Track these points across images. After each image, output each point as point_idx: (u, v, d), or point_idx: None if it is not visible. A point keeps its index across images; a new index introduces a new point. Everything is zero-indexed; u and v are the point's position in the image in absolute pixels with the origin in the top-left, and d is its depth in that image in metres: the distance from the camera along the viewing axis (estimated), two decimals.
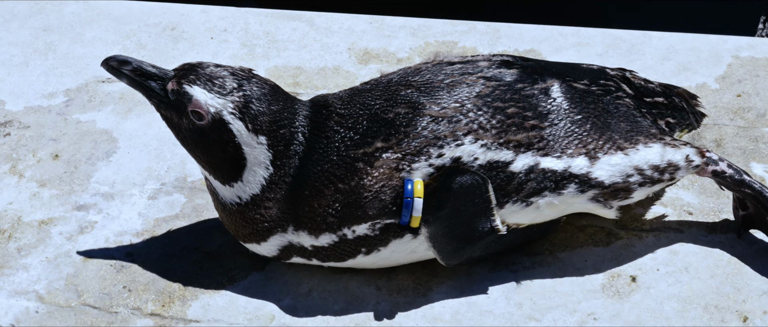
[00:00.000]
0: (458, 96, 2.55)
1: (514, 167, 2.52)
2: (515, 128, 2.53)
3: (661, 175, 2.60)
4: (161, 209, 2.87)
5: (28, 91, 3.22)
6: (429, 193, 2.48)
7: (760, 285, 2.63)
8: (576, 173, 2.54)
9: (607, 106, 2.63)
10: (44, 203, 2.89)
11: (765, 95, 3.12)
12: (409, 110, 2.53)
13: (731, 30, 3.68)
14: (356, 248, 2.55)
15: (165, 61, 3.30)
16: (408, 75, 2.61)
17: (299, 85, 3.21)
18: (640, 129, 2.63)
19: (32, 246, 2.79)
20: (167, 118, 2.54)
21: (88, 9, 3.50)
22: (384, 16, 3.45)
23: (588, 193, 2.56)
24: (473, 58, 2.66)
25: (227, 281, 2.69)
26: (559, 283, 2.65)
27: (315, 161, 2.51)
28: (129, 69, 2.48)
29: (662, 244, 2.73)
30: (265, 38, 3.38)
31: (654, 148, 2.60)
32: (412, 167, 2.49)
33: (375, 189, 2.49)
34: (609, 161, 2.56)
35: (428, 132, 2.51)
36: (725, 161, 2.64)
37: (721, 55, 3.26)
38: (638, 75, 2.77)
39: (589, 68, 2.73)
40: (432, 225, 2.51)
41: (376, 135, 2.51)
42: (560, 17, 3.60)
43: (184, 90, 2.47)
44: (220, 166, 2.53)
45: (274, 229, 2.55)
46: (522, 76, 2.61)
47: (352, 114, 2.54)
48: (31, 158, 3.01)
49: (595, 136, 2.57)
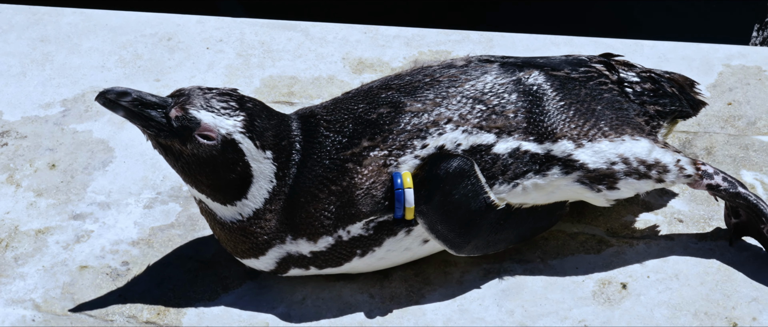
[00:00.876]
0: (438, 91, 2.60)
1: (498, 149, 2.56)
2: (495, 116, 2.58)
3: (647, 171, 2.61)
4: (157, 218, 2.90)
5: (26, 102, 3.24)
6: (418, 183, 2.52)
7: (749, 292, 2.65)
8: (559, 156, 2.57)
9: (591, 92, 2.65)
10: (41, 213, 2.92)
11: (755, 103, 3.14)
12: (391, 109, 2.57)
13: (725, 38, 3.71)
14: (352, 250, 2.58)
15: (161, 71, 3.33)
16: (388, 80, 2.67)
17: (294, 95, 3.24)
18: (626, 119, 2.64)
19: (29, 255, 2.82)
20: (166, 148, 2.52)
21: (85, 19, 3.53)
22: (378, 26, 3.48)
23: (572, 175, 2.59)
24: (452, 60, 2.71)
25: (222, 289, 2.72)
26: (551, 291, 2.68)
27: (309, 167, 2.55)
28: (129, 100, 2.45)
29: (653, 252, 2.75)
30: (260, 48, 3.41)
31: (641, 142, 2.62)
32: (399, 161, 2.54)
33: (366, 186, 2.53)
34: (593, 147, 2.59)
35: (411, 126, 2.56)
36: (720, 174, 2.66)
37: (712, 63, 3.29)
38: (623, 60, 2.78)
39: (570, 58, 2.75)
40: (427, 215, 2.54)
41: (362, 135, 2.55)
42: (553, 27, 3.63)
43: (190, 115, 2.48)
44: (224, 188, 2.54)
45: (272, 241, 2.58)
46: (501, 69, 2.65)
47: (338, 119, 2.58)
48: (28, 168, 3.04)
49: (579, 122, 2.60)
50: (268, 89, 3.26)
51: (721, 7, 4.87)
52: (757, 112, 3.11)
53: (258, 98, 3.20)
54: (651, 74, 2.75)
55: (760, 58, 3.30)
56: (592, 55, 2.81)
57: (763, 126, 3.07)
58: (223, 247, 2.74)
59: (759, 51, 3.35)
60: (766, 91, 3.18)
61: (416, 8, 4.89)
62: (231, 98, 2.52)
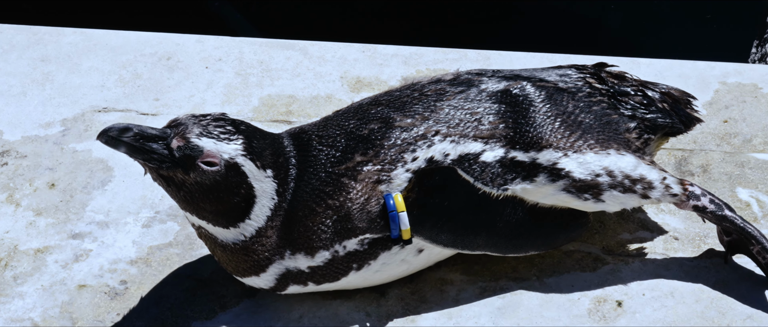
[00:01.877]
0: (426, 105, 2.63)
1: (485, 157, 2.58)
2: (482, 126, 2.60)
3: (632, 185, 2.63)
4: (155, 237, 2.92)
5: (26, 121, 3.27)
6: (410, 205, 2.53)
7: (744, 309, 2.66)
8: (544, 164, 2.59)
9: (580, 104, 2.67)
10: (40, 232, 2.94)
11: (751, 121, 3.16)
12: (382, 125, 2.61)
13: (724, 55, 3.73)
14: (348, 265, 2.60)
15: (161, 90, 3.35)
16: (378, 97, 2.71)
17: (292, 114, 3.26)
18: (613, 134, 2.66)
19: (28, 274, 2.84)
20: (168, 179, 2.53)
21: (85, 39, 3.55)
22: (376, 45, 3.50)
23: (558, 182, 2.60)
24: (441, 75, 2.74)
25: (219, 308, 2.74)
26: (546, 309, 2.69)
27: (306, 181, 2.57)
28: (130, 135, 2.46)
29: (648, 269, 2.77)
30: (259, 67, 3.44)
31: (626, 157, 2.64)
32: (391, 176, 2.56)
33: (361, 202, 2.55)
34: (578, 158, 2.61)
35: (401, 141, 2.59)
36: (708, 196, 2.67)
37: (709, 81, 3.31)
38: (617, 71, 2.79)
39: (560, 71, 2.77)
40: (425, 232, 2.56)
41: (354, 150, 2.59)
42: (550, 45, 3.65)
43: (193, 144, 2.50)
44: (227, 212, 2.55)
45: (273, 257, 2.59)
46: (489, 81, 2.67)
47: (330, 134, 2.62)
48: (27, 187, 3.06)
49: (565, 133, 2.62)
50: (267, 108, 3.28)
51: (720, 24, 4.88)
52: (753, 130, 3.13)
53: (257, 117, 3.24)
54: (644, 88, 2.76)
55: (757, 75, 3.31)
56: (585, 64, 2.82)
57: (759, 143, 3.08)
58: (222, 267, 2.75)
59: (755, 69, 3.37)
60: (762, 109, 3.19)
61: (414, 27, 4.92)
62: (226, 123, 2.54)
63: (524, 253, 2.66)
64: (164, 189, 2.57)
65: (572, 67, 2.81)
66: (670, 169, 3.00)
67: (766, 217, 2.88)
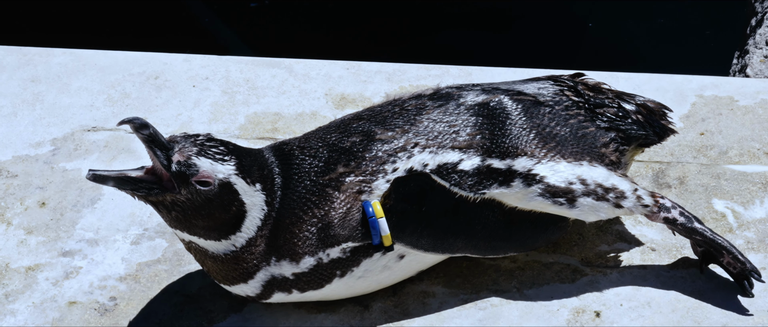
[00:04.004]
0: (406, 119, 2.71)
1: (463, 166, 2.66)
2: (460, 139, 2.68)
3: (605, 194, 2.70)
4: (144, 254, 2.98)
5: (16, 141, 3.33)
6: (388, 211, 2.60)
7: (719, 318, 2.73)
8: (520, 170, 2.67)
9: (556, 117, 2.74)
10: (31, 250, 3.00)
11: (727, 133, 3.23)
12: (364, 138, 2.69)
13: (704, 68, 3.80)
14: (332, 272, 2.67)
15: (149, 109, 3.42)
16: (360, 112, 2.79)
17: (278, 131, 3.33)
18: (588, 148, 2.73)
19: (19, 292, 2.89)
20: (159, 204, 2.59)
21: (74, 59, 3.61)
22: (360, 62, 3.56)
23: (534, 187, 2.67)
24: (422, 90, 2.81)
25: (207, 323, 2.80)
26: (526, 319, 2.75)
27: (292, 188, 2.65)
28: (147, 133, 2.52)
29: (626, 280, 2.83)
30: (245, 85, 3.50)
31: (598, 169, 2.71)
32: (372, 187, 2.64)
33: (343, 212, 2.63)
34: (553, 166, 2.68)
35: (382, 153, 2.67)
36: (678, 209, 2.74)
37: (686, 94, 3.38)
38: (591, 82, 2.86)
39: (538, 83, 2.84)
40: (405, 238, 2.63)
41: (337, 162, 2.67)
42: (531, 60, 3.72)
43: (192, 162, 2.57)
44: (218, 227, 2.62)
45: (260, 264, 2.66)
46: (468, 94, 2.75)
47: (312, 146, 2.70)
48: (18, 206, 3.12)
49: (541, 144, 2.69)
50: (253, 126, 3.35)
51: (701, 37, 4.96)
52: (729, 142, 3.20)
53: (243, 135, 3.30)
54: (620, 99, 2.83)
55: (733, 88, 3.38)
56: (563, 74, 2.89)
57: (734, 155, 3.15)
58: (210, 280, 2.82)
59: (731, 82, 3.44)
60: (737, 121, 3.26)
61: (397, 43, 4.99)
62: (218, 143, 2.61)
63: (504, 253, 2.74)
64: (156, 210, 2.63)
65: (550, 78, 2.88)
66: (647, 181, 3.07)
67: (741, 227, 2.95)
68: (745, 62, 4.21)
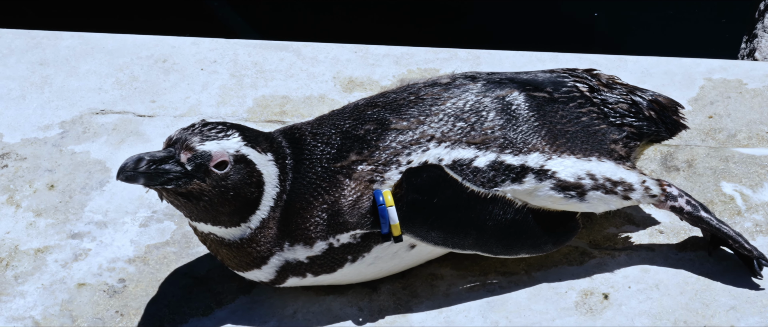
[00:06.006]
0: (421, 109, 2.70)
1: (478, 163, 2.65)
2: (475, 133, 2.67)
3: (613, 187, 2.70)
4: (152, 236, 2.98)
5: (25, 124, 3.33)
6: (398, 201, 2.60)
7: (727, 300, 2.73)
8: (532, 166, 2.66)
9: (568, 114, 2.74)
10: (40, 232, 3.01)
11: (736, 116, 3.22)
12: (378, 126, 2.67)
13: (713, 51, 3.79)
14: (343, 256, 2.67)
15: (157, 92, 3.42)
16: (374, 98, 2.77)
17: (286, 114, 3.33)
18: (598, 145, 2.73)
19: (29, 273, 2.90)
20: (189, 194, 2.59)
21: (82, 43, 3.62)
22: (368, 45, 3.56)
23: (545, 182, 2.67)
24: (437, 78, 2.80)
25: (215, 305, 2.80)
26: (534, 302, 2.76)
27: (303, 173, 2.65)
28: (144, 164, 2.53)
29: (634, 263, 2.83)
30: (253, 69, 3.50)
31: (607, 163, 2.71)
32: (385, 177, 2.63)
33: (353, 199, 2.63)
34: (563, 161, 2.68)
35: (396, 143, 2.65)
36: (684, 197, 2.75)
37: (694, 77, 3.37)
38: (605, 78, 2.86)
39: (553, 77, 2.83)
40: (415, 229, 2.62)
41: (350, 149, 2.66)
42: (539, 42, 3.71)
43: (199, 152, 2.57)
44: (240, 209, 2.62)
45: (272, 248, 2.66)
46: (483, 87, 2.74)
47: (325, 132, 2.69)
48: (27, 189, 3.13)
49: (551, 141, 2.69)
50: (261, 109, 3.35)
51: (709, 20, 4.94)
52: (738, 125, 3.19)
53: (251, 118, 3.31)
54: (632, 95, 2.83)
55: (741, 71, 3.38)
56: (577, 69, 2.88)
57: (743, 138, 3.15)
58: (219, 262, 2.82)
59: (740, 65, 3.43)
60: (746, 104, 3.26)
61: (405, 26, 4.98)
62: (216, 124, 2.61)
63: (514, 254, 2.72)
64: (183, 207, 2.61)
65: (566, 72, 2.86)
66: (656, 164, 3.07)
67: (750, 210, 2.95)
68: (753, 46, 4.20)
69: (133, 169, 2.54)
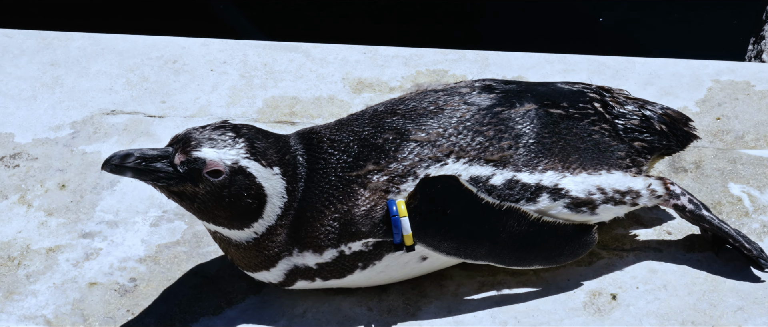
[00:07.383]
0: (441, 121, 2.70)
1: (495, 181, 2.66)
2: (492, 149, 2.67)
3: (622, 198, 2.73)
4: (163, 236, 3.00)
5: (36, 124, 3.36)
6: (412, 211, 2.61)
7: (735, 301, 2.74)
8: (547, 185, 2.68)
9: (582, 132, 2.76)
10: (52, 231, 3.03)
11: (743, 118, 3.23)
12: (397, 136, 2.67)
13: (721, 53, 3.80)
14: (354, 263, 2.68)
15: (167, 93, 3.44)
16: (393, 104, 2.76)
17: (295, 115, 3.34)
18: (608, 160, 2.76)
19: (40, 273, 2.93)
20: (180, 194, 2.61)
21: (93, 43, 3.64)
22: (377, 47, 3.58)
23: (559, 201, 2.69)
24: (455, 85, 2.81)
25: (226, 304, 2.82)
26: (543, 302, 2.77)
27: (316, 182, 2.65)
28: (133, 160, 2.55)
29: (642, 263, 2.85)
30: (262, 69, 3.52)
31: (616, 175, 2.73)
32: (401, 188, 2.63)
33: (367, 209, 2.63)
34: (575, 179, 2.70)
35: (414, 155, 2.66)
36: (687, 196, 2.78)
37: (702, 79, 3.38)
38: (619, 94, 2.88)
39: (570, 90, 2.84)
40: (428, 239, 2.64)
41: (367, 159, 2.65)
42: (547, 43, 3.73)
43: (194, 156, 2.58)
44: (240, 216, 2.63)
45: (281, 253, 2.68)
46: (501, 100, 2.75)
47: (343, 140, 2.69)
48: (39, 188, 3.15)
49: (563, 158, 2.71)
50: (271, 109, 3.37)
51: (717, 21, 4.95)
52: (745, 127, 3.20)
53: (261, 118, 3.32)
54: (644, 110, 2.85)
55: (749, 73, 3.39)
56: (591, 85, 2.89)
57: (750, 140, 3.16)
58: (229, 262, 2.84)
59: (747, 66, 3.44)
60: (753, 106, 3.27)
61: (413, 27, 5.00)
62: (226, 129, 2.62)
63: (527, 266, 2.73)
64: (179, 203, 2.64)
65: (582, 86, 2.86)
66: (663, 165, 3.09)
67: (757, 211, 2.96)
68: (761, 48, 4.21)
69: (119, 163, 2.55)
